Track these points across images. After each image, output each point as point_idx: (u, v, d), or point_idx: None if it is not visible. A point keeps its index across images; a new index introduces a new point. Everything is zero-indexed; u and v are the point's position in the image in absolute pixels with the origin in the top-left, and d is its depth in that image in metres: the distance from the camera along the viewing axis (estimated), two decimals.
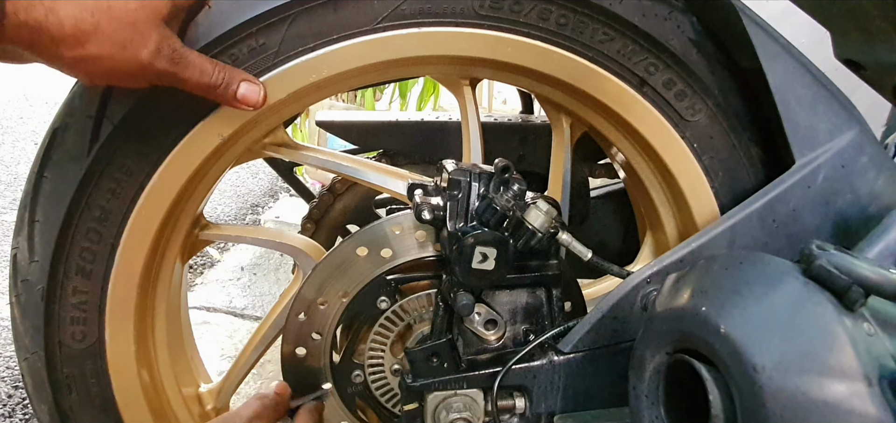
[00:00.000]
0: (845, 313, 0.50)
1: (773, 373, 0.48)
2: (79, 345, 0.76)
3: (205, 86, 0.65)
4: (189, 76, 0.63)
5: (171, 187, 0.74)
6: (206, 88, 0.65)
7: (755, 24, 0.70)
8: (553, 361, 0.73)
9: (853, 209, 0.72)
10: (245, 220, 2.73)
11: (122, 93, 0.69)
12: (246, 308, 1.92)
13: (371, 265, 0.80)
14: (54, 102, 0.73)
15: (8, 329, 1.49)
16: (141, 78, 0.62)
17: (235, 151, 0.80)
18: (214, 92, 0.66)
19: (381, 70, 0.76)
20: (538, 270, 0.76)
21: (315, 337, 0.82)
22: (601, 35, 0.74)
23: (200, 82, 0.64)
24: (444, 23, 0.73)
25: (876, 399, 0.46)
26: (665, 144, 0.79)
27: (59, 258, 0.73)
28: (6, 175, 2.80)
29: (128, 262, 0.75)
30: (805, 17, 0.76)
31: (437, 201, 0.74)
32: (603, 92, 0.77)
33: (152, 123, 0.71)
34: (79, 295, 0.75)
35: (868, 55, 0.73)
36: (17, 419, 1.38)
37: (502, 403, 0.75)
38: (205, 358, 1.01)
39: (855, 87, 0.77)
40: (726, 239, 0.72)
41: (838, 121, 0.72)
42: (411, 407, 0.77)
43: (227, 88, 0.66)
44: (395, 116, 1.22)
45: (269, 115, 0.78)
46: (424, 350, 0.75)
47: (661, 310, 0.61)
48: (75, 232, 0.73)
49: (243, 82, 0.67)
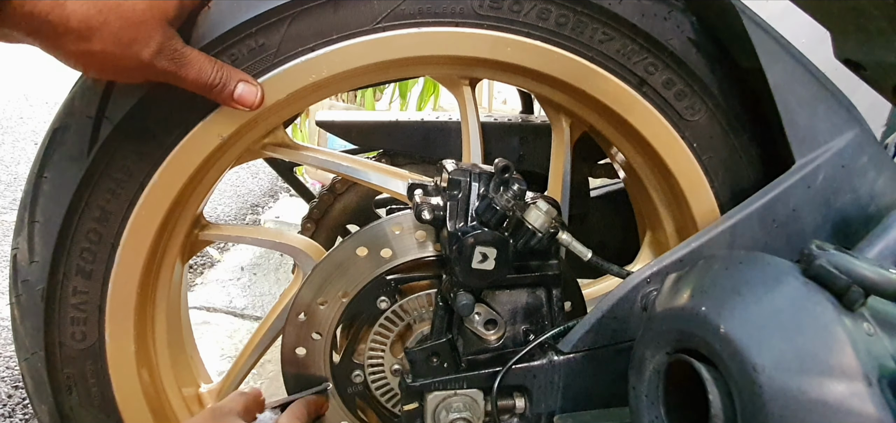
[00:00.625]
0: (845, 313, 0.50)
1: (773, 373, 0.48)
2: (79, 345, 0.77)
3: (203, 85, 0.65)
4: (187, 75, 0.64)
5: (170, 188, 0.74)
6: (203, 88, 0.66)
7: (755, 24, 0.70)
8: (553, 361, 0.73)
9: (853, 209, 0.72)
10: (245, 220, 2.73)
11: (122, 93, 0.69)
12: (246, 308, 1.92)
13: (371, 265, 0.80)
14: (54, 102, 0.73)
15: (8, 329, 1.49)
16: (140, 75, 0.63)
17: (235, 152, 0.80)
18: (212, 91, 0.66)
19: (381, 70, 0.76)
20: (538, 270, 0.76)
21: (315, 337, 0.82)
22: (601, 35, 0.74)
23: (198, 81, 0.65)
24: (444, 23, 0.73)
25: (876, 399, 0.46)
26: (665, 144, 0.79)
27: (59, 259, 0.73)
28: (6, 175, 2.80)
29: (128, 262, 0.75)
30: (805, 17, 0.76)
31: (437, 201, 0.74)
32: (602, 92, 0.77)
33: (152, 123, 0.71)
34: (79, 296, 0.75)
35: (868, 55, 0.73)
36: (17, 419, 1.38)
37: (502, 403, 0.75)
38: (205, 358, 1.01)
39: (855, 87, 0.77)
40: (726, 239, 0.72)
41: (838, 121, 0.72)
42: (411, 407, 0.77)
43: (224, 88, 0.67)
44: (395, 116, 1.21)
45: (269, 115, 0.78)
46: (424, 350, 0.75)
47: (660, 310, 0.61)
48: (75, 233, 0.73)
49: (241, 83, 0.68)
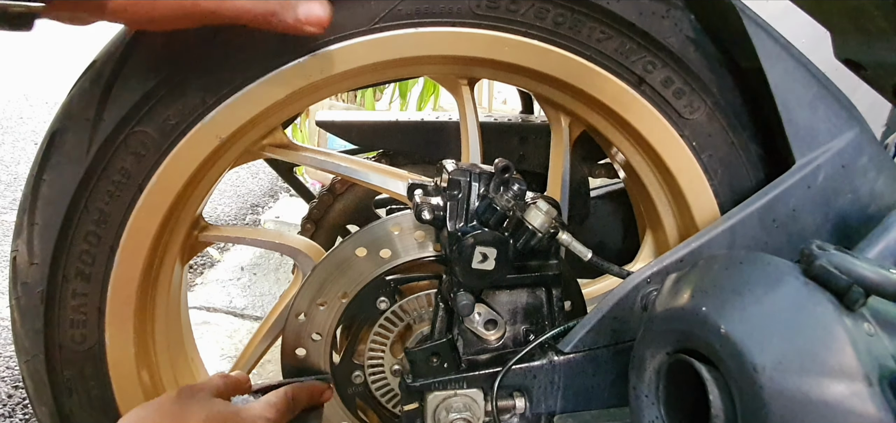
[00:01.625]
0: (845, 313, 0.50)
1: (774, 373, 0.48)
2: (79, 347, 0.76)
3: (259, 14, 0.57)
4: (238, 6, 0.56)
5: (169, 190, 0.74)
6: (261, 18, 0.57)
7: (755, 24, 0.70)
8: (553, 361, 0.73)
9: (853, 209, 0.72)
10: (245, 220, 2.73)
11: (119, 96, 0.69)
12: (246, 308, 1.92)
13: (370, 266, 0.80)
14: (54, 103, 0.72)
15: (8, 330, 1.49)
16: (186, 20, 0.57)
17: (234, 153, 0.80)
18: (272, 20, 0.58)
19: (380, 70, 0.76)
20: (538, 270, 0.76)
21: (315, 338, 0.82)
22: (599, 33, 0.74)
23: (254, 11, 0.57)
24: (442, 23, 0.73)
25: (876, 399, 0.46)
26: (664, 143, 0.79)
27: (59, 261, 0.73)
28: (6, 175, 2.80)
29: (127, 264, 0.75)
30: (805, 17, 0.76)
31: (438, 201, 0.74)
32: (601, 90, 0.77)
33: (150, 125, 0.71)
34: (78, 298, 0.75)
35: (868, 55, 0.73)
36: (17, 419, 1.38)
37: (502, 403, 0.75)
38: (205, 358, 1.01)
39: (855, 87, 0.77)
40: (726, 239, 0.72)
41: (838, 121, 0.72)
42: (411, 407, 0.77)
43: (287, 10, 0.58)
44: (395, 116, 1.21)
45: (268, 116, 0.78)
46: (424, 350, 0.75)
47: (661, 310, 0.61)
48: (74, 235, 0.73)
49: (304, 3, 0.58)
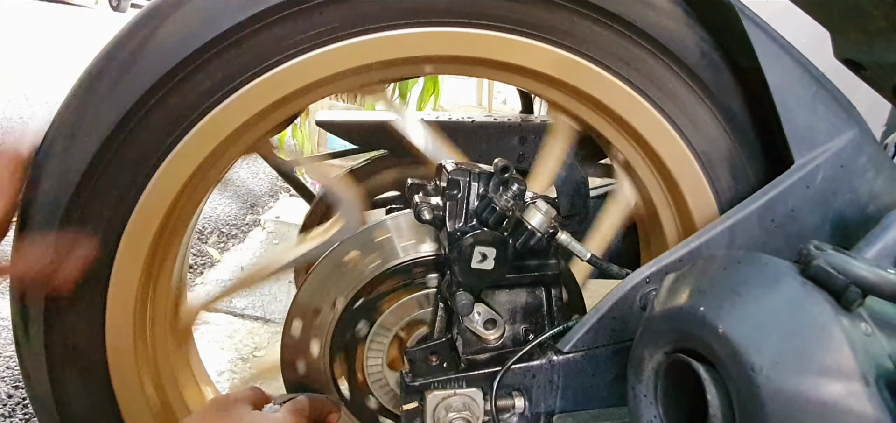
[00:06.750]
0: (843, 314, 0.50)
1: (771, 373, 0.48)
2: (79, 348, 0.76)
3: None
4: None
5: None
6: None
7: (755, 25, 0.70)
8: (552, 360, 0.74)
9: (852, 209, 0.72)
10: (245, 220, 2.73)
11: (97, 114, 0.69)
12: (246, 308, 1.92)
13: (331, 314, 0.79)
14: (54, 103, 0.72)
15: (8, 329, 1.49)
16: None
17: (235, 152, 0.80)
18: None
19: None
20: (537, 269, 0.76)
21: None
22: (598, 32, 0.74)
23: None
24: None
25: (873, 399, 0.46)
26: (663, 142, 0.79)
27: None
28: None
29: (127, 265, 0.75)
30: (805, 17, 0.76)
31: (437, 201, 0.74)
32: (600, 90, 0.77)
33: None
34: (78, 298, 0.75)
35: (868, 55, 0.73)
36: (17, 418, 1.39)
37: (502, 402, 0.75)
38: (205, 358, 1.01)
39: (855, 87, 0.77)
40: (725, 239, 0.72)
41: (838, 121, 0.72)
42: (411, 406, 0.77)
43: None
44: (395, 116, 1.21)
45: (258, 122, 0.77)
46: (424, 350, 0.75)
47: (659, 310, 0.61)
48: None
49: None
